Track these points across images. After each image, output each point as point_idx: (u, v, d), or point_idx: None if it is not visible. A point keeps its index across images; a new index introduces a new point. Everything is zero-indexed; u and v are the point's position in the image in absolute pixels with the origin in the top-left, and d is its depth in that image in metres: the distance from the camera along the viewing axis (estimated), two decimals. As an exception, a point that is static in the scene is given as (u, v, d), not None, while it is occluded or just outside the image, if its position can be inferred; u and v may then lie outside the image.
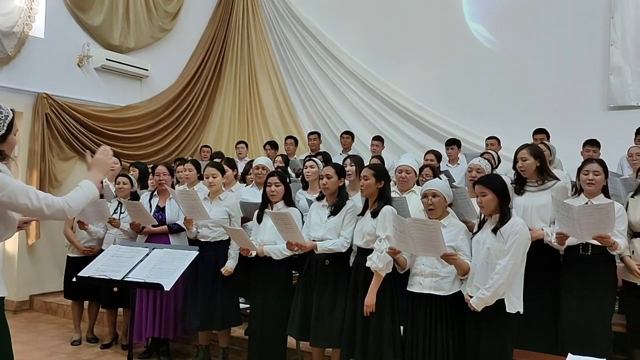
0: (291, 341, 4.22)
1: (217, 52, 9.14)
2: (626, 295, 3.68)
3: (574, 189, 3.87)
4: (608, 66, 6.52)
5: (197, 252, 3.16)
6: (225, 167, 4.93)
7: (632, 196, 3.66)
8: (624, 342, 3.79)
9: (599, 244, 3.38)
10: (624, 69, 6.43)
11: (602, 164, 3.64)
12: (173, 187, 5.16)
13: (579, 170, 3.70)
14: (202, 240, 4.34)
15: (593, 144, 5.45)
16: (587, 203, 3.54)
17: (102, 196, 5.07)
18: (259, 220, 4.14)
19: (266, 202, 4.10)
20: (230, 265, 4.25)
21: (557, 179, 3.86)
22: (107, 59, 7.40)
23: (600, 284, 3.53)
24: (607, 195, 3.62)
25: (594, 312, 3.51)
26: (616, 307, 3.85)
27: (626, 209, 3.62)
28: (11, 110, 2.36)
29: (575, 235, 3.34)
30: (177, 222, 4.67)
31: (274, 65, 9.17)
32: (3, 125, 2.29)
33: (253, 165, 5.30)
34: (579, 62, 6.64)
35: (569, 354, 3.35)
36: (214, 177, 4.36)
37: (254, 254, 4.01)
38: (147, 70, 8.02)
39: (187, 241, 4.60)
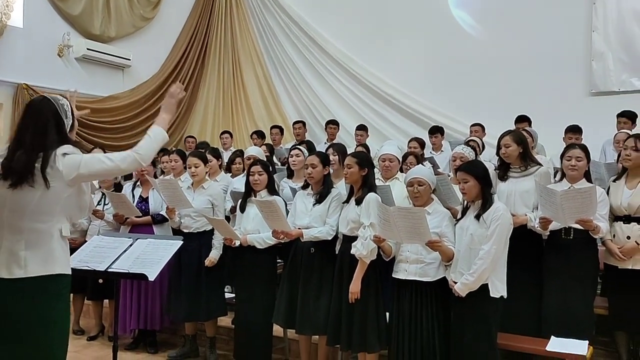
0: (278, 329, 4.23)
1: (200, 41, 9.07)
2: (608, 278, 3.74)
3: (556, 175, 3.91)
4: (590, 52, 6.58)
5: (182, 242, 3.15)
6: (210, 157, 4.91)
7: (614, 181, 3.70)
8: (606, 325, 3.85)
9: (581, 228, 3.42)
10: (606, 55, 6.49)
11: (585, 149, 3.67)
12: (156, 177, 5.12)
13: (562, 155, 3.73)
14: (185, 230, 4.32)
15: (575, 130, 5.50)
16: (569, 188, 3.58)
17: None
18: (242, 209, 4.13)
19: (249, 191, 4.10)
20: (214, 255, 4.24)
21: (540, 164, 3.89)
22: (88, 49, 7.31)
23: (582, 267, 3.57)
24: (589, 180, 3.66)
25: (577, 295, 3.55)
26: (598, 291, 3.92)
27: (608, 193, 3.66)
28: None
29: (558, 219, 3.37)
30: (160, 213, 4.64)
31: (258, 54, 9.12)
32: (67, 115, 2.44)
33: (245, 156, 5.27)
34: (562, 48, 6.68)
35: (552, 337, 3.45)
36: (196, 167, 4.35)
37: (237, 243, 4.01)
38: (129, 59, 7.94)
39: (171, 232, 4.58)
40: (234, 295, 4.50)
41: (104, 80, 7.72)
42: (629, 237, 3.49)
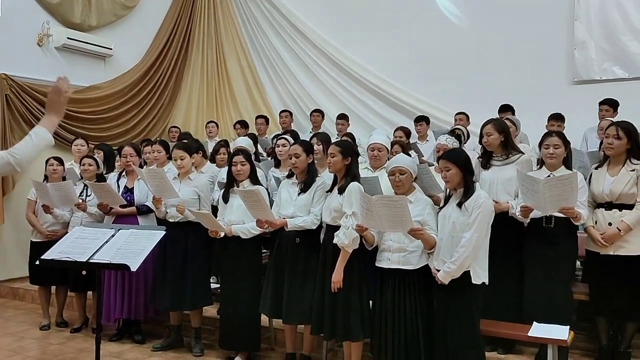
0: (264, 319, 4.24)
1: (183, 30, 8.95)
2: (589, 264, 3.79)
3: (539, 163, 3.94)
4: (572, 41, 6.61)
5: (164, 232, 3.12)
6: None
7: (596, 168, 3.73)
8: (587, 310, 3.91)
9: (561, 215, 3.45)
10: (588, 44, 6.53)
11: (562, 136, 3.70)
12: (141, 167, 5.08)
13: (540, 144, 3.76)
14: (170, 220, 4.30)
15: (557, 118, 5.54)
16: (549, 176, 3.61)
17: (64, 179, 4.99)
18: (225, 200, 4.12)
19: (232, 181, 4.08)
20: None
21: (522, 152, 3.92)
22: (68, 38, 7.17)
23: (563, 254, 3.62)
24: (568, 168, 3.70)
25: (557, 282, 3.61)
26: (579, 277, 3.97)
27: (590, 181, 3.70)
28: None
29: (539, 208, 3.40)
30: (145, 204, 4.61)
31: (242, 43, 9.04)
32: None
33: (232, 147, 5.24)
34: (545, 37, 6.71)
35: (534, 322, 3.49)
36: (181, 159, 4.32)
37: (222, 234, 4.00)
38: (110, 49, 7.82)
39: (156, 222, 4.54)
40: (219, 285, 4.49)
41: (85, 70, 7.59)
42: (610, 224, 3.53)
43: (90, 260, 2.84)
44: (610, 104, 5.58)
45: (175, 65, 8.86)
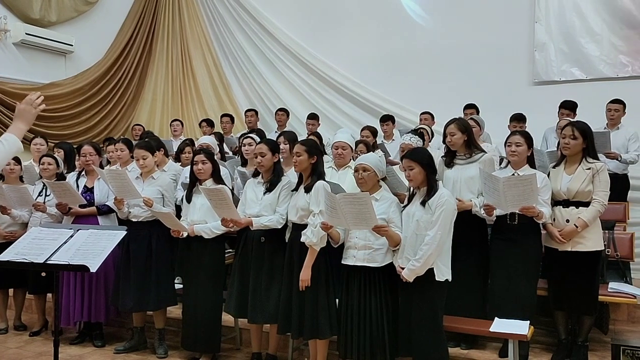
0: (229, 319, 4.21)
1: (146, 27, 8.82)
2: (548, 260, 3.87)
3: (502, 162, 4.01)
4: (533, 43, 6.77)
5: (125, 232, 3.06)
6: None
7: (554, 167, 3.83)
8: (547, 305, 4.00)
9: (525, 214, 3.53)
10: (548, 46, 6.70)
11: (525, 135, 3.78)
12: (102, 167, 4.98)
13: (505, 143, 3.84)
14: (134, 220, 4.22)
15: (519, 118, 5.66)
16: (513, 174, 3.69)
17: (21, 178, 4.85)
18: (188, 200, 4.07)
19: (194, 181, 4.04)
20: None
21: (484, 151, 3.99)
22: (27, 34, 6.99)
23: (526, 251, 3.69)
24: (532, 166, 3.78)
25: (520, 279, 3.67)
26: (540, 272, 4.06)
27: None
28: None
29: (500, 206, 3.47)
30: (106, 204, 4.51)
31: (208, 41, 8.96)
32: None
33: (196, 145, 5.17)
34: (506, 38, 6.86)
35: (496, 318, 3.56)
36: (144, 159, 4.24)
37: (185, 234, 3.96)
38: (71, 45, 7.65)
39: (117, 222, 4.46)
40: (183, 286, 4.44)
41: (45, 66, 7.40)
42: (568, 221, 3.62)
43: (48, 262, 2.76)
44: (570, 108, 5.71)
45: (138, 62, 8.73)
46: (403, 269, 3.25)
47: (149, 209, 4.06)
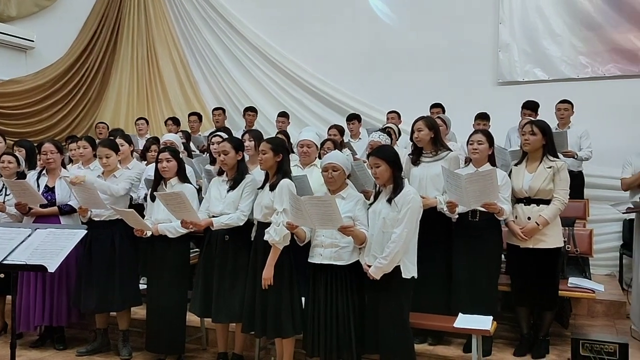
0: (195, 319, 4.16)
1: (111, 23, 8.64)
2: (510, 257, 3.95)
3: (467, 160, 4.07)
4: (497, 43, 6.89)
5: (85, 231, 2.99)
6: (122, 142, 4.71)
7: (516, 165, 3.90)
8: (510, 301, 4.08)
9: (486, 210, 3.59)
10: (512, 47, 6.83)
11: (486, 134, 3.85)
12: (64, 166, 4.86)
13: (467, 142, 3.90)
14: (95, 219, 4.13)
15: (483, 117, 5.76)
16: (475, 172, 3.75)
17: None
18: (153, 198, 4.00)
19: (159, 179, 3.98)
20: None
21: (450, 149, 4.04)
22: (-16, 28, 6.77)
23: (488, 247, 3.76)
24: (493, 164, 3.85)
25: (483, 274, 3.73)
26: (503, 269, 4.14)
27: (510, 177, 3.85)
28: None
29: (462, 203, 3.52)
30: (68, 203, 4.40)
31: (174, 38, 8.85)
32: None
33: (161, 142, 5.09)
34: (472, 39, 6.96)
35: (460, 314, 3.61)
36: (107, 158, 4.15)
37: (149, 234, 3.89)
38: (32, 41, 7.46)
39: (80, 222, 4.35)
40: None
41: (4, 62, 7.20)
42: (529, 218, 3.69)
43: (4, 262, 2.67)
44: (531, 108, 5.83)
45: (102, 59, 8.55)
46: (370, 266, 3.27)
47: (112, 207, 3.97)
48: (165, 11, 8.89)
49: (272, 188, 3.52)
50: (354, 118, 6.68)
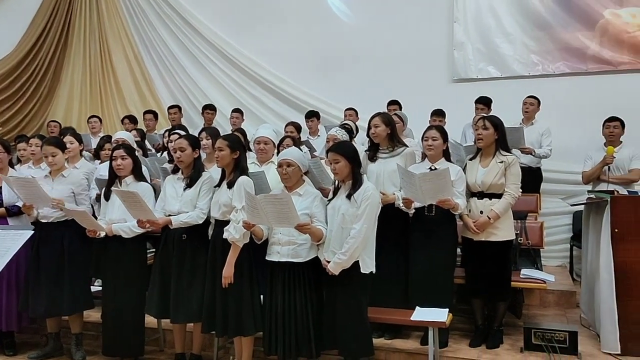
0: (152, 320, 4.08)
1: (62, 18, 8.37)
2: (464, 250, 4.04)
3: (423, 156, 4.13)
4: (452, 42, 7.01)
5: (32, 232, 2.88)
6: (72, 139, 4.58)
7: (470, 159, 3.98)
8: (465, 293, 4.17)
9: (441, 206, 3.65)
10: (466, 45, 6.95)
11: (440, 130, 3.93)
12: (12, 165, 4.69)
13: (422, 138, 3.96)
14: (43, 221, 4.00)
15: (439, 113, 5.86)
16: (431, 167, 3.81)
17: None
18: (107, 197, 3.90)
19: (114, 177, 3.88)
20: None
21: (406, 145, 4.09)
22: None
23: (443, 241, 3.83)
24: (448, 159, 3.92)
25: (439, 268, 3.80)
26: (458, 262, 4.23)
27: (464, 172, 3.93)
28: None
29: (418, 199, 3.58)
30: (16, 204, 4.24)
31: (128, 34, 8.64)
32: None
33: (112, 140, 4.98)
34: (427, 37, 7.05)
35: (417, 307, 3.66)
36: (53, 156, 4.02)
37: (102, 234, 3.79)
38: (-23, 36, 7.14)
39: (29, 223, 4.20)
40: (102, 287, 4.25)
41: (-53, 59, 6.89)
42: (482, 212, 3.78)
43: (-55, 266, 2.56)
44: (484, 102, 5.98)
45: (53, 55, 8.28)
46: (329, 262, 3.28)
47: (62, 208, 3.85)
48: (119, 7, 8.67)
49: (230, 185, 3.49)
50: (313, 115, 6.69)
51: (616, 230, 3.75)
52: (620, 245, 3.74)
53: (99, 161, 5.30)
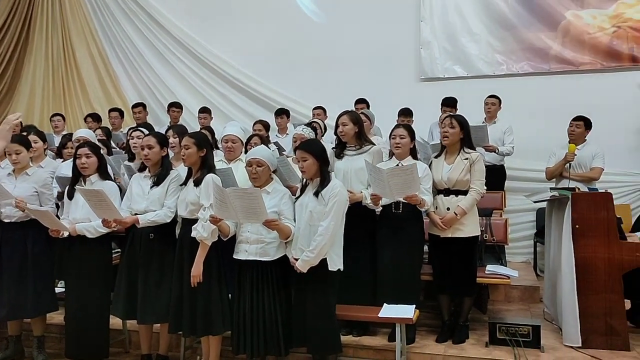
0: (117, 321, 4.01)
1: (22, 14, 8.15)
2: (431, 246, 4.09)
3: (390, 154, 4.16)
4: (419, 41, 7.08)
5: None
6: (35, 139, 4.47)
7: (436, 157, 4.03)
8: (432, 290, 4.22)
9: (408, 202, 3.69)
10: (433, 44, 7.03)
11: (408, 128, 3.97)
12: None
13: (390, 136, 3.99)
14: (6, 220, 3.89)
15: (406, 113, 5.90)
16: (398, 165, 3.84)
17: None
18: (70, 196, 3.81)
19: (77, 176, 3.79)
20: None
21: (374, 144, 4.12)
22: None
23: (410, 238, 3.87)
24: (415, 157, 3.96)
25: (406, 265, 3.84)
26: (426, 259, 4.28)
27: (430, 169, 3.98)
28: None
29: (386, 195, 3.60)
30: (-26, 203, 4.11)
31: (92, 30, 8.46)
32: None
33: (73, 138, 4.87)
34: (395, 36, 7.10)
35: (384, 304, 3.69)
36: (17, 154, 3.90)
37: (66, 234, 3.70)
38: None
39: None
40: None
41: None
42: (448, 209, 3.83)
43: None
44: (450, 104, 6.04)
45: (13, 52, 8.07)
46: (297, 259, 3.28)
47: (23, 207, 3.75)
48: (82, 2, 8.49)
49: (197, 183, 3.46)
50: (282, 113, 6.67)
51: (577, 226, 3.85)
52: (581, 241, 3.84)
53: (62, 160, 5.18)
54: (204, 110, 7.01)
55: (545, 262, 4.84)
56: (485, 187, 3.91)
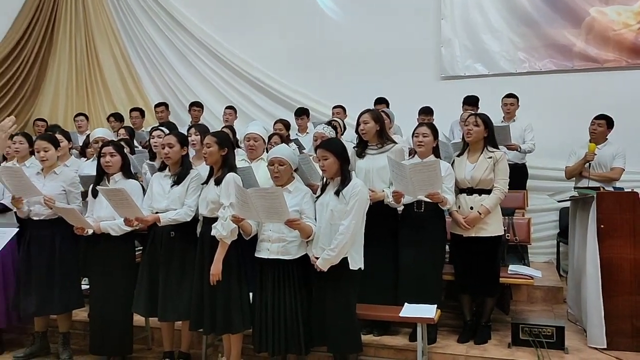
0: (139, 319, 4.06)
1: (47, 15, 8.27)
2: (453, 246, 4.06)
3: (411, 153, 4.14)
4: (440, 39, 7.03)
5: (17, 229, 2.85)
6: (61, 139, 4.54)
7: (458, 156, 4.00)
8: (453, 290, 4.19)
9: (430, 201, 3.67)
10: (453, 42, 6.97)
11: (431, 127, 3.94)
12: (-1, 162, 4.64)
13: (412, 134, 3.97)
14: (35, 218, 3.95)
15: (426, 111, 5.88)
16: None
17: None
18: (94, 195, 3.86)
19: (102, 174, 3.84)
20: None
21: (395, 142, 4.10)
22: None
23: (432, 237, 3.84)
24: (437, 156, 3.93)
25: (427, 264, 3.82)
26: (447, 258, 4.25)
27: (452, 167, 3.95)
28: None
29: (408, 192, 3.58)
30: (1, 202, 4.19)
31: (115, 31, 8.56)
32: None
33: (91, 139, 4.94)
34: (415, 34, 7.06)
35: (405, 304, 3.67)
36: (45, 151, 3.97)
37: (90, 232, 3.75)
38: (-40, 33, 7.04)
39: (16, 220, 4.15)
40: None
41: None
42: (472, 208, 3.80)
43: None
44: (472, 103, 5.98)
45: (38, 52, 8.18)
46: (317, 258, 3.27)
47: (50, 205, 3.81)
48: (105, 3, 8.60)
49: (218, 182, 3.47)
50: (302, 113, 6.68)
51: (602, 226, 3.79)
52: (606, 241, 3.78)
53: (85, 159, 5.26)
54: (230, 108, 7.08)
55: (569, 262, 4.77)
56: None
